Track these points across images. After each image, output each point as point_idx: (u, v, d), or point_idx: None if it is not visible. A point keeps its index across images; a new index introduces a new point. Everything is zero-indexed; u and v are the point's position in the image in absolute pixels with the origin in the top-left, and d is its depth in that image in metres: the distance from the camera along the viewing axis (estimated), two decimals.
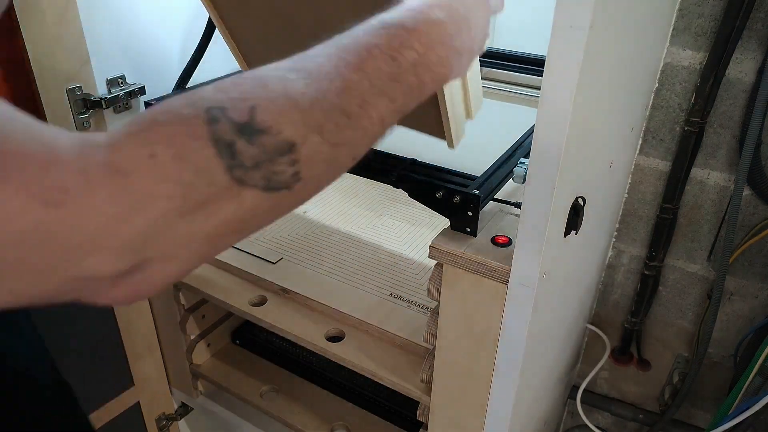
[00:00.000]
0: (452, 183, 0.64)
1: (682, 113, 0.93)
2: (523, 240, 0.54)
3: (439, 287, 0.64)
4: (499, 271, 0.58)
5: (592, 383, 1.25)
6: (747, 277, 1.00)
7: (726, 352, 1.08)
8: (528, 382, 0.71)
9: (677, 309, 1.10)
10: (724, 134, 0.92)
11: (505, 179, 0.68)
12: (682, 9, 0.86)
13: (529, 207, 0.51)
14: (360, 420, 0.97)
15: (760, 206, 0.93)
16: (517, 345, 0.61)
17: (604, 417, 1.31)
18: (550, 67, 0.44)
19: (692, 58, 0.88)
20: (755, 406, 0.90)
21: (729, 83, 0.88)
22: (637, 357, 1.17)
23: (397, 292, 0.89)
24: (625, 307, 1.14)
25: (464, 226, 0.63)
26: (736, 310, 1.04)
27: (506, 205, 0.68)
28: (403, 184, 0.67)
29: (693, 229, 1.01)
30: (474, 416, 0.70)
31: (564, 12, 0.42)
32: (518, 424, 0.74)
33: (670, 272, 1.07)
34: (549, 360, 0.85)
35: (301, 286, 0.93)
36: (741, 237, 0.96)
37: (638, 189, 1.02)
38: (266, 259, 0.98)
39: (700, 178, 0.96)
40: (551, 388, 1.00)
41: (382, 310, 0.88)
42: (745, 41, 0.84)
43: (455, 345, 0.67)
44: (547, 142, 0.47)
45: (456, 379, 0.70)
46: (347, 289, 0.92)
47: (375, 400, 0.94)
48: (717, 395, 1.13)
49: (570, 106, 0.45)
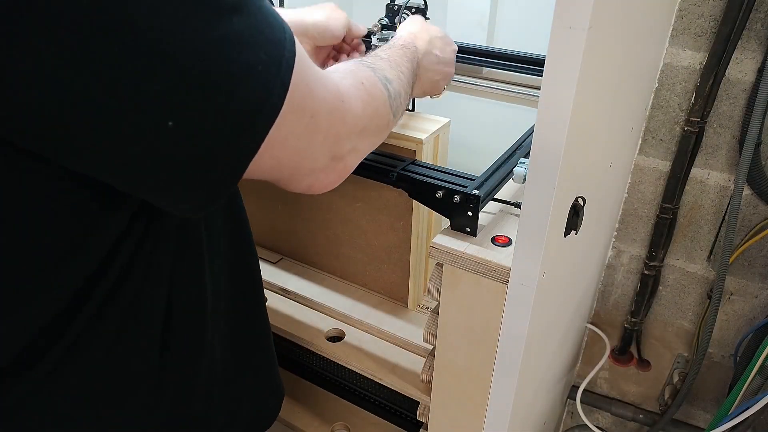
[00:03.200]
0: (452, 183, 0.64)
1: (682, 113, 0.93)
2: (523, 240, 0.54)
3: (439, 287, 0.65)
4: (499, 271, 0.58)
5: (592, 383, 1.25)
6: (747, 277, 1.00)
7: (726, 352, 1.09)
8: (528, 382, 0.71)
9: (677, 309, 1.10)
10: (724, 134, 0.92)
11: (505, 179, 0.68)
12: (682, 9, 0.86)
13: (529, 207, 0.51)
14: (360, 420, 0.97)
15: (760, 206, 0.93)
16: (516, 345, 0.61)
17: (604, 417, 1.31)
18: (550, 67, 0.44)
19: (692, 58, 0.88)
20: (755, 406, 0.90)
21: (729, 83, 0.88)
22: (637, 357, 1.17)
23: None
24: (625, 307, 1.14)
25: (464, 226, 0.63)
26: (736, 310, 1.04)
27: (506, 205, 0.69)
28: (403, 183, 0.67)
29: (693, 229, 1.01)
30: (474, 416, 0.70)
31: (563, 12, 0.42)
32: (518, 423, 0.74)
33: (670, 272, 1.07)
34: (549, 360, 0.86)
35: (301, 286, 0.93)
36: (741, 237, 0.96)
37: (638, 189, 1.02)
38: (266, 259, 0.98)
39: (700, 178, 0.97)
40: (551, 388, 1.00)
41: (382, 310, 0.88)
42: (745, 41, 0.84)
43: (455, 345, 0.67)
44: (547, 142, 0.47)
45: (456, 379, 0.70)
46: (347, 289, 0.92)
47: (375, 400, 0.94)
48: (717, 395, 1.14)
49: (570, 106, 0.45)
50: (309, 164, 0.43)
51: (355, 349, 0.83)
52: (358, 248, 0.88)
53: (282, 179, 0.44)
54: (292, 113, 0.38)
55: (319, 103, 0.41)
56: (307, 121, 0.40)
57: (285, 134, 0.38)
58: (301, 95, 0.38)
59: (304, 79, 0.39)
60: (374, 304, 0.89)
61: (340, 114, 0.44)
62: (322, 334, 0.86)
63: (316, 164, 0.44)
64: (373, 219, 0.83)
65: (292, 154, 0.41)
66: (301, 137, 0.40)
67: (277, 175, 0.43)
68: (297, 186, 0.45)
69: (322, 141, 0.43)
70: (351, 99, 0.46)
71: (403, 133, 0.74)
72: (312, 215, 0.90)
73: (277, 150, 0.39)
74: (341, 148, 0.45)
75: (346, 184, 0.86)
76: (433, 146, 0.77)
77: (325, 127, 0.42)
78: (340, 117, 0.44)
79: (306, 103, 0.39)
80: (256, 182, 0.93)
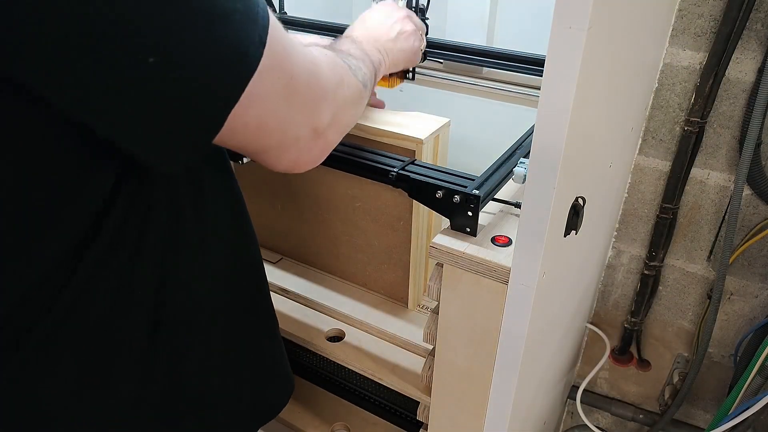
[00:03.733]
0: (452, 183, 0.64)
1: (682, 113, 0.93)
2: (523, 240, 0.54)
3: (439, 287, 0.65)
4: (499, 271, 0.58)
5: (592, 383, 1.25)
6: (747, 277, 1.00)
7: (726, 352, 1.09)
8: (527, 382, 0.71)
9: (677, 309, 1.10)
10: (724, 134, 0.92)
11: (505, 179, 0.68)
12: (681, 9, 0.86)
13: (529, 207, 0.51)
14: (360, 420, 0.97)
15: (760, 206, 0.93)
16: (516, 345, 0.61)
17: (604, 417, 1.31)
18: (550, 67, 0.44)
19: (692, 58, 0.88)
20: (755, 406, 0.90)
21: (729, 83, 0.88)
22: (637, 357, 1.17)
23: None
24: (625, 306, 1.14)
25: (464, 226, 0.63)
26: (736, 310, 1.04)
27: (506, 205, 0.69)
28: (403, 183, 0.67)
29: (693, 229, 1.01)
30: (474, 416, 0.70)
31: (563, 12, 0.42)
32: (518, 423, 0.74)
33: (670, 272, 1.07)
34: (549, 360, 0.86)
35: (301, 286, 0.93)
36: (741, 237, 0.96)
37: (638, 189, 1.02)
38: (266, 259, 0.98)
39: (700, 178, 0.97)
40: (551, 388, 1.00)
41: (382, 310, 0.88)
42: (745, 41, 0.84)
43: (455, 345, 0.67)
44: (547, 142, 0.47)
45: (456, 379, 0.70)
46: (347, 289, 0.92)
47: (375, 400, 0.94)
48: (717, 395, 1.14)
49: (570, 106, 0.45)
50: (293, 132, 0.44)
51: (355, 349, 0.83)
52: (358, 248, 0.88)
53: (270, 149, 0.44)
54: (272, 70, 0.39)
55: (296, 67, 0.42)
56: (286, 82, 0.41)
57: (266, 91, 0.39)
58: (279, 54, 0.40)
59: (280, 41, 0.40)
60: (374, 304, 0.89)
61: (315, 79, 0.45)
62: (322, 334, 0.86)
63: (299, 132, 0.45)
64: (373, 219, 0.83)
65: (274, 117, 0.42)
66: (281, 99, 0.41)
67: (264, 143, 0.43)
68: (283, 160, 0.46)
69: (301, 106, 0.44)
70: (322, 64, 0.47)
71: (403, 133, 0.74)
72: (312, 215, 0.90)
73: (259, 107, 0.39)
74: (321, 116, 0.46)
75: (347, 184, 0.85)
76: (433, 146, 0.77)
77: (303, 91, 0.43)
78: (315, 81, 0.45)
79: (284, 63, 0.40)
80: (256, 182, 0.93)
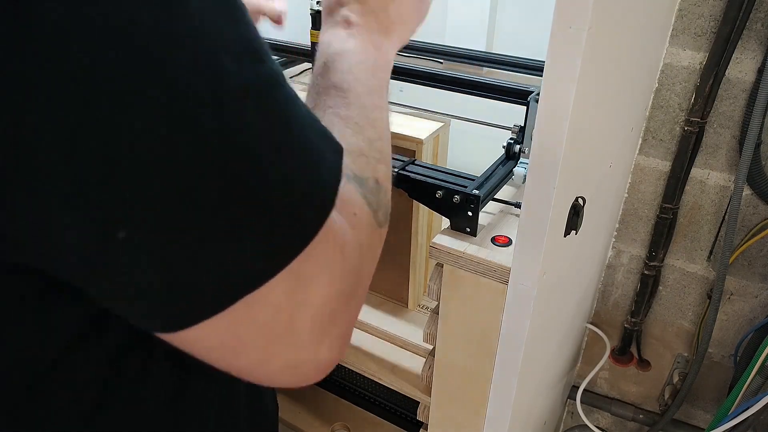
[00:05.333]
0: (452, 183, 0.64)
1: (682, 113, 0.93)
2: (523, 240, 0.54)
3: (439, 287, 0.65)
4: (499, 271, 0.58)
5: (592, 383, 1.25)
6: (747, 277, 1.00)
7: (726, 352, 1.09)
8: (527, 382, 0.71)
9: (677, 309, 1.10)
10: (724, 134, 0.92)
11: (505, 179, 0.68)
12: (681, 9, 0.86)
13: (529, 207, 0.51)
14: (360, 420, 0.97)
15: (760, 206, 0.93)
16: (516, 344, 0.61)
17: (604, 417, 1.31)
18: (550, 67, 0.44)
19: (692, 58, 0.88)
20: (755, 406, 0.90)
21: (729, 83, 0.88)
22: (637, 357, 1.17)
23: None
24: (625, 307, 1.14)
25: (464, 226, 0.63)
26: (736, 310, 1.04)
27: (506, 205, 0.69)
28: (403, 184, 0.67)
29: (693, 229, 1.01)
30: (474, 416, 0.70)
31: (563, 12, 0.42)
32: (518, 423, 0.74)
33: (670, 272, 1.07)
34: (549, 360, 0.85)
35: None
36: (741, 237, 0.96)
37: (638, 189, 1.02)
38: None
39: (700, 178, 0.97)
40: (551, 388, 1.00)
41: (382, 310, 0.88)
42: (745, 41, 0.84)
43: (455, 345, 0.67)
44: (547, 142, 0.47)
45: (456, 379, 0.70)
46: None
47: (375, 400, 0.94)
48: (717, 395, 1.13)
49: (570, 106, 0.45)
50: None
51: (355, 349, 0.83)
52: None
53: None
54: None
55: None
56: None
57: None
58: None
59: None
60: (374, 304, 0.89)
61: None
62: None
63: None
64: None
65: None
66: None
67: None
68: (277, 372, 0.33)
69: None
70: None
71: (403, 133, 0.74)
72: None
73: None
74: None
75: None
76: (433, 146, 0.77)
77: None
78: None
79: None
80: None
